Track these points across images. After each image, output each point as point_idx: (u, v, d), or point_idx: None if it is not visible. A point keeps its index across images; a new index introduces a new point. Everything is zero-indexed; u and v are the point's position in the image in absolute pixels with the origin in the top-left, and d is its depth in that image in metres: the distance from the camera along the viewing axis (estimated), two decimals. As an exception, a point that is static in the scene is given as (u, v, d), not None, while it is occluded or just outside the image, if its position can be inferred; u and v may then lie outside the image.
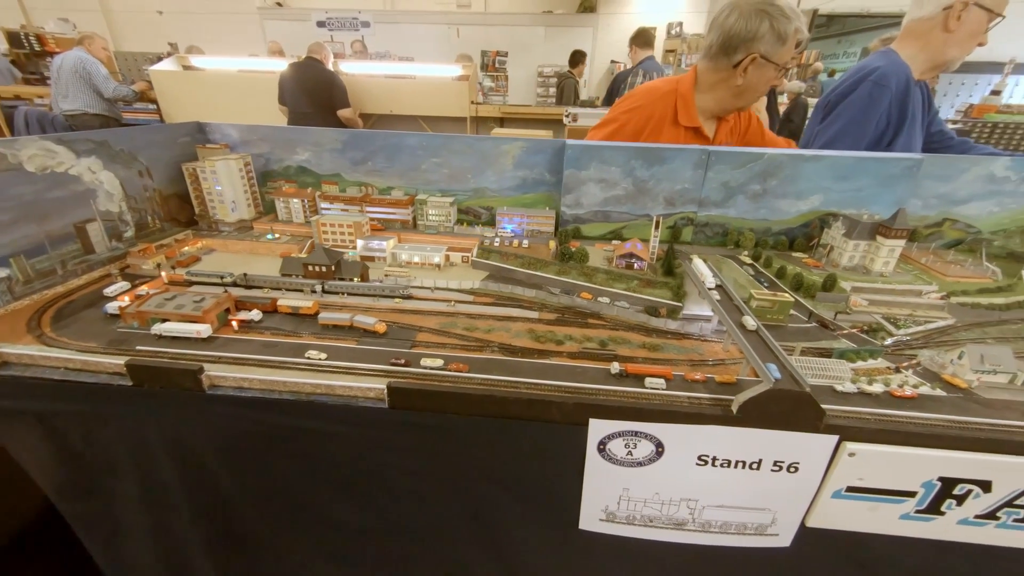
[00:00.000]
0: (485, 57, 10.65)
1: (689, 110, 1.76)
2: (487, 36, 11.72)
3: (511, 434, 0.96)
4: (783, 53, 1.60)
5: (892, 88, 1.84)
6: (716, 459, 0.91)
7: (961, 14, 1.77)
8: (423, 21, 11.88)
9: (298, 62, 4.91)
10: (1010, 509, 0.88)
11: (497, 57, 10.62)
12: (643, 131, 1.80)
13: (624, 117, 1.81)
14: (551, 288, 1.40)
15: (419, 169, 1.74)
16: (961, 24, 1.79)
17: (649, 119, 1.79)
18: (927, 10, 1.85)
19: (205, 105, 6.27)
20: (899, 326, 1.22)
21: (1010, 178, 1.54)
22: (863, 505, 0.92)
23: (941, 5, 1.80)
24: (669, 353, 1.10)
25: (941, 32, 1.83)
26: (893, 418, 0.88)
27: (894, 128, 1.89)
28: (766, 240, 1.64)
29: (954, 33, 1.81)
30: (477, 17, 12.08)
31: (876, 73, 1.85)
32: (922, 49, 1.89)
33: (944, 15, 1.81)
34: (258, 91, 6.15)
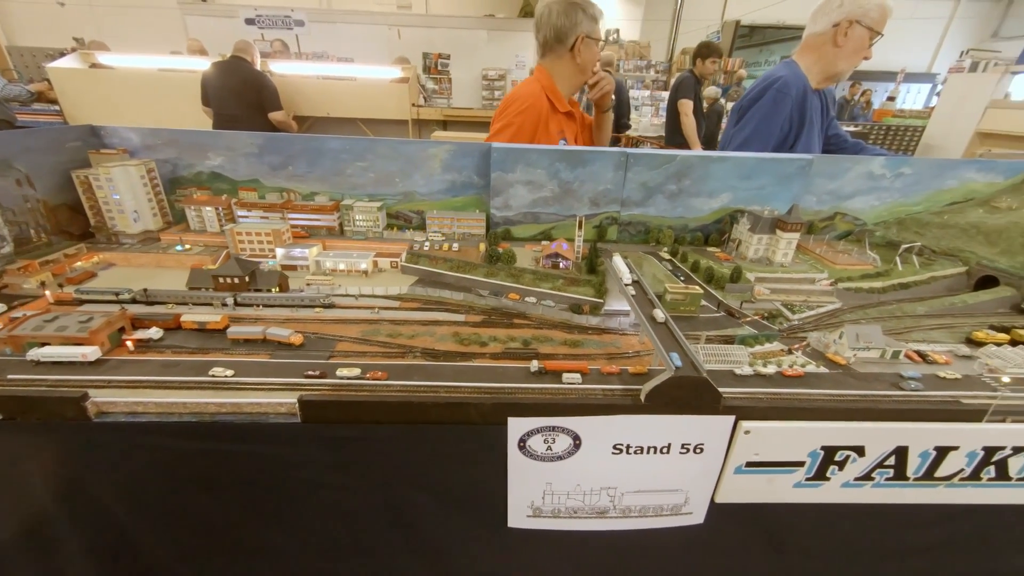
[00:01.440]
0: (427, 59, 10.52)
1: (559, 99, 2.02)
2: (429, 38, 11.59)
3: (433, 439, 0.95)
4: (599, 31, 1.98)
5: (792, 95, 2.03)
6: (630, 447, 0.95)
7: (847, 31, 1.98)
8: (362, 21, 11.56)
9: (223, 61, 4.62)
10: (881, 469, 0.99)
11: (439, 59, 10.51)
12: (537, 126, 1.96)
13: (519, 119, 1.94)
14: (480, 290, 1.41)
15: (344, 173, 1.69)
16: (847, 40, 2.00)
17: (539, 114, 1.96)
18: (820, 26, 2.06)
19: (117, 107, 5.72)
20: (794, 311, 1.34)
21: (886, 175, 1.74)
22: (762, 478, 1.00)
23: (831, 22, 2.01)
24: (589, 348, 1.14)
25: (832, 47, 2.04)
26: (781, 396, 0.96)
27: (795, 131, 2.08)
28: (684, 237, 1.74)
29: (842, 48, 2.02)
30: (418, 19, 11.93)
31: (779, 82, 2.05)
32: (816, 61, 2.09)
33: (833, 31, 2.01)
34: (177, 92, 5.71)
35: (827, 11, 2.02)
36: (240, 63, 4.56)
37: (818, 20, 2.07)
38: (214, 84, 4.57)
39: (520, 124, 1.93)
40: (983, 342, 1.18)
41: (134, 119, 1.66)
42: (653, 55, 12.83)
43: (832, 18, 2.00)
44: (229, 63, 4.57)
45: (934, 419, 0.95)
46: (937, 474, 1.00)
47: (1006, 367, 1.07)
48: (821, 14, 2.06)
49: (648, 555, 1.13)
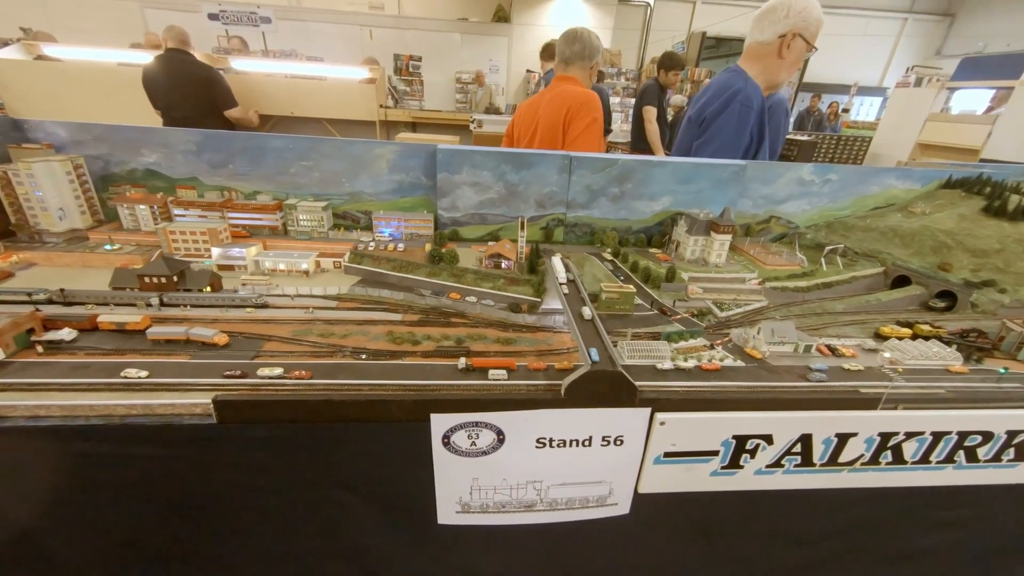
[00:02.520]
0: (398, 61, 10.44)
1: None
2: (402, 40, 11.52)
3: (357, 438, 0.95)
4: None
5: (755, 109, 2.09)
6: (553, 440, 0.98)
7: (790, 43, 2.05)
8: (332, 21, 11.39)
9: (162, 56, 4.09)
10: (790, 456, 1.05)
11: (411, 61, 10.45)
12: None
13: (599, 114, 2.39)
14: (422, 290, 1.41)
15: (287, 173, 1.67)
16: (790, 52, 2.08)
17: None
18: (766, 36, 2.10)
19: (65, 102, 5.43)
20: (723, 309, 1.40)
21: (815, 181, 1.84)
22: (680, 467, 1.04)
23: (777, 33, 2.06)
24: (521, 346, 1.16)
25: (776, 57, 2.11)
26: (694, 389, 1.01)
27: (757, 142, 2.15)
28: (628, 238, 1.80)
29: (785, 59, 2.10)
30: (390, 20, 11.84)
31: (741, 95, 2.07)
32: (762, 71, 2.15)
33: (779, 42, 2.07)
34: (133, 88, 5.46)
35: (773, 20, 2.06)
36: (183, 56, 4.09)
37: (764, 29, 2.10)
38: (158, 84, 4.11)
39: (599, 117, 2.40)
40: (888, 336, 1.26)
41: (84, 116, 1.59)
42: (624, 63, 13.11)
43: (778, 29, 2.05)
44: (170, 57, 4.07)
45: (834, 407, 1.02)
46: (840, 460, 1.07)
47: (904, 359, 1.15)
48: (767, 23, 2.09)
49: (579, 547, 1.16)
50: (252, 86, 5.96)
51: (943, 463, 1.09)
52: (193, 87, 4.20)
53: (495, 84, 12.74)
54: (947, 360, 1.15)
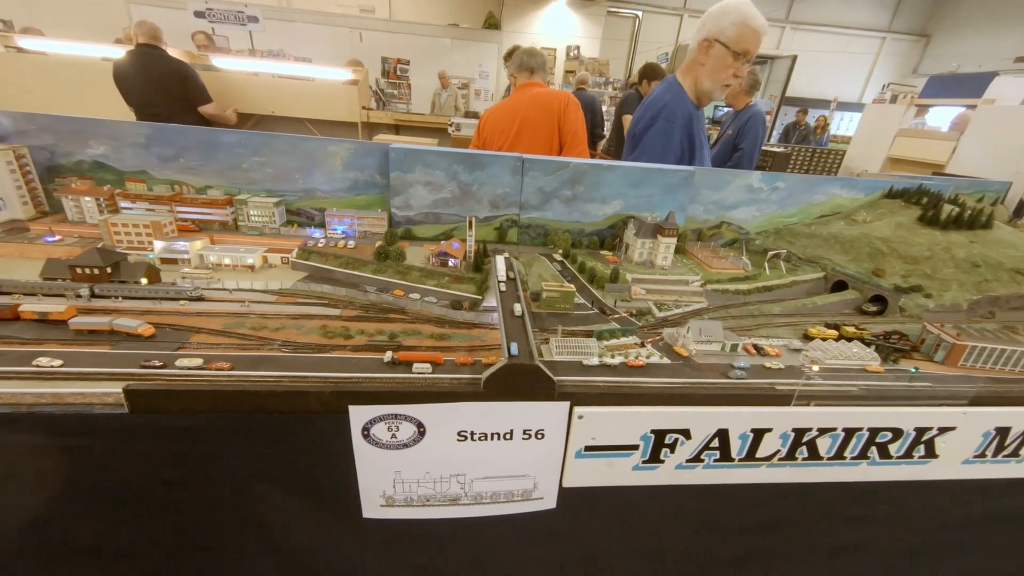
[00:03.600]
0: (386, 64, 10.46)
1: None
2: (392, 43, 11.56)
3: (276, 430, 0.95)
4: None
5: (679, 123, 2.05)
6: (474, 433, 0.99)
7: (707, 50, 1.98)
8: (322, 22, 11.39)
9: (134, 51, 4.06)
10: (709, 451, 1.08)
11: (399, 64, 10.48)
12: None
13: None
14: (367, 287, 1.42)
15: (240, 168, 1.67)
16: (708, 58, 1.99)
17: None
18: (692, 44, 2.07)
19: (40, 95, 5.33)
20: (662, 309, 1.44)
21: (763, 188, 1.90)
22: (602, 461, 1.06)
23: (698, 40, 2.02)
24: (455, 342, 1.17)
25: (698, 65, 2.05)
26: (614, 384, 1.03)
27: (688, 155, 2.13)
28: (580, 240, 1.83)
29: (704, 66, 2.02)
30: (381, 23, 11.89)
31: (665, 111, 2.06)
32: (693, 80, 2.10)
33: (698, 49, 2.02)
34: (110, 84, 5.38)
35: (697, 28, 2.03)
36: (154, 52, 4.05)
37: (693, 38, 2.06)
38: (130, 80, 4.06)
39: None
40: (814, 337, 1.30)
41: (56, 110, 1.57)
42: (612, 73, 13.28)
43: (699, 36, 2.01)
44: (141, 52, 4.01)
45: (750, 403, 1.05)
46: (758, 455, 1.10)
47: (825, 358, 1.19)
48: (695, 32, 2.05)
49: (507, 541, 1.17)
50: (231, 84, 5.92)
51: (857, 459, 1.13)
52: (165, 83, 4.17)
53: (484, 90, 12.83)
54: (865, 360, 1.19)
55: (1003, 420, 1.11)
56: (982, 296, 1.44)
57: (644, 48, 15.19)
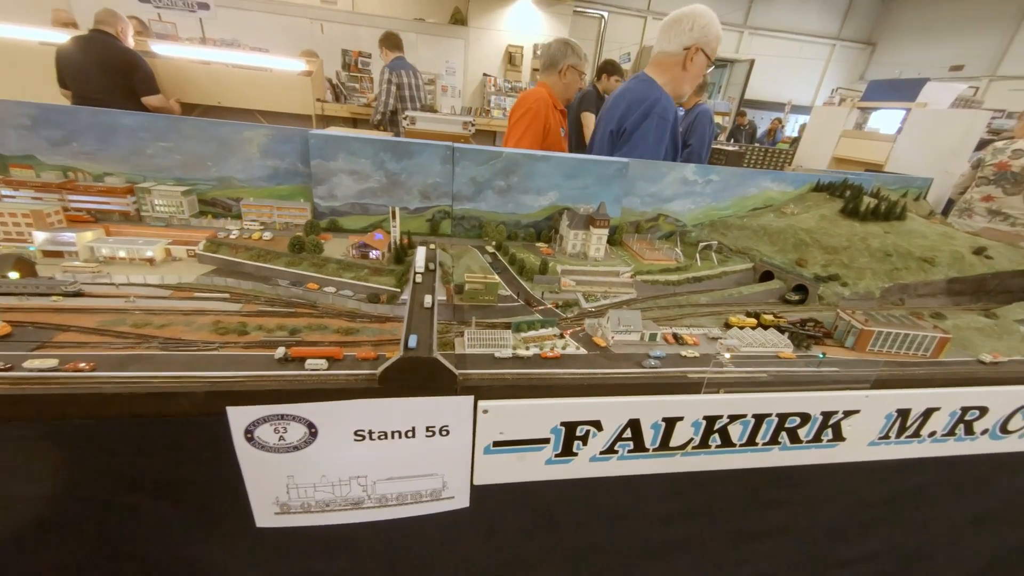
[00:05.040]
0: (347, 56, 10.16)
1: (557, 100, 2.88)
2: (355, 36, 11.22)
3: (147, 435, 0.87)
4: (582, 64, 2.88)
5: (670, 119, 2.16)
6: (372, 432, 0.93)
7: (694, 57, 2.12)
8: (280, 12, 10.93)
9: (83, 36, 3.98)
10: (622, 442, 1.06)
11: (360, 57, 10.19)
12: (548, 113, 2.77)
13: (536, 106, 2.76)
14: (280, 280, 1.34)
15: (144, 154, 1.54)
16: (693, 65, 2.15)
17: (547, 104, 2.78)
18: (673, 47, 2.16)
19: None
20: (589, 300, 1.42)
21: (697, 181, 1.91)
22: (512, 457, 1.03)
23: (682, 46, 2.13)
24: (363, 336, 1.11)
25: (680, 69, 2.17)
26: (522, 375, 0.99)
27: (672, 150, 2.25)
28: (517, 232, 1.79)
29: (688, 72, 2.17)
30: (343, 15, 11.52)
31: (659, 107, 2.12)
32: (669, 81, 2.21)
33: (684, 55, 2.14)
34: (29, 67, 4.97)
35: (679, 32, 2.12)
36: (104, 38, 3.95)
37: (671, 40, 2.15)
38: (73, 62, 3.91)
39: (536, 110, 2.73)
40: (734, 325, 1.31)
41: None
42: (578, 71, 13.29)
43: (683, 41, 2.12)
44: (91, 38, 3.94)
45: (662, 392, 1.03)
46: (672, 444, 1.09)
47: (740, 346, 1.20)
48: (673, 34, 2.14)
49: (421, 543, 1.12)
50: (174, 72, 5.59)
51: (769, 444, 1.14)
52: (110, 70, 3.99)
53: (452, 86, 12.65)
54: (779, 347, 1.20)
55: (903, 402, 1.15)
56: (893, 284, 1.49)
57: (610, 48, 15.39)
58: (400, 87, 5.48)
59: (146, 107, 4.43)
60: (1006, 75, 13.26)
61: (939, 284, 1.50)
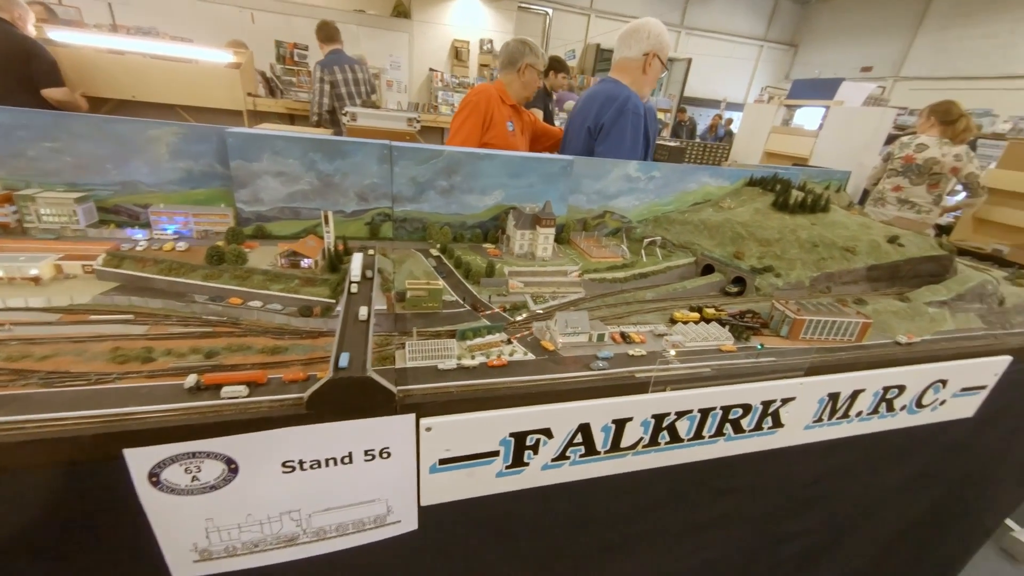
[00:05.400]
0: (281, 48, 9.55)
1: (507, 96, 2.81)
2: (289, 26, 10.61)
3: (30, 489, 0.74)
4: (540, 63, 2.83)
5: (643, 116, 2.39)
6: (303, 462, 0.85)
7: (652, 62, 2.39)
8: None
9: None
10: (573, 448, 1.04)
11: (295, 49, 9.61)
12: (490, 107, 2.68)
13: (476, 98, 2.70)
14: (196, 296, 1.20)
15: (24, 156, 1.33)
16: (651, 70, 2.42)
17: (491, 98, 2.70)
18: (634, 52, 2.40)
19: None
20: (538, 302, 1.39)
21: (640, 178, 1.94)
22: (461, 473, 0.98)
23: (643, 51, 2.37)
24: (293, 355, 1.01)
25: (641, 73, 2.42)
26: (467, 387, 0.94)
27: (645, 145, 2.49)
28: (463, 234, 1.74)
29: (647, 76, 2.43)
30: (275, 4, 10.84)
31: (631, 104, 2.34)
32: (632, 83, 2.44)
33: (644, 60, 2.39)
34: None
35: (639, 40, 2.37)
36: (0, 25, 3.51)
37: (632, 46, 2.40)
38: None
39: (476, 103, 2.67)
40: (679, 320, 1.33)
41: None
42: (525, 68, 13.34)
43: (643, 48, 2.37)
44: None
45: (610, 394, 1.02)
46: (623, 445, 1.08)
47: (684, 341, 1.21)
48: (633, 40, 2.39)
49: (369, 571, 1.05)
50: (79, 63, 5.02)
51: (715, 437, 1.17)
52: (6, 60, 3.59)
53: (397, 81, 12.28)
54: (720, 340, 1.23)
55: (833, 387, 1.21)
56: (820, 273, 1.58)
57: (555, 45, 15.56)
58: (335, 84, 5.15)
59: (46, 101, 3.97)
60: (908, 76, 14.74)
61: (860, 272, 1.61)
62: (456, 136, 2.76)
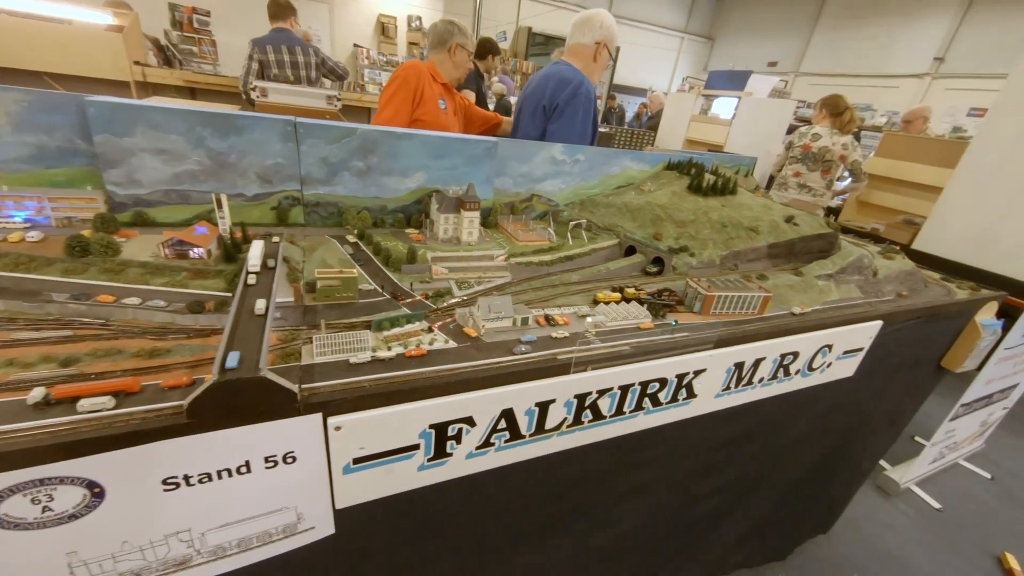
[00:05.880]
0: (176, 12, 8.45)
1: (438, 74, 2.74)
2: (190, -10, 9.39)
3: None
4: (469, 43, 2.79)
5: (594, 100, 2.56)
6: (189, 477, 0.75)
7: (602, 51, 2.54)
8: (79, -49, 8.61)
9: None
10: (497, 434, 1.03)
11: (195, 15, 8.54)
12: (420, 82, 2.57)
13: (404, 73, 2.59)
14: (56, 294, 1.02)
15: None
16: (600, 58, 2.57)
17: (421, 74, 2.60)
18: (587, 39, 2.53)
19: None
20: (462, 288, 1.35)
21: (566, 161, 1.95)
22: (379, 471, 0.93)
23: (594, 40, 2.52)
24: (177, 356, 0.89)
25: (592, 60, 2.56)
26: (381, 381, 0.89)
27: (593, 129, 2.63)
28: (383, 219, 1.64)
29: (597, 63, 2.58)
30: (170, -33, 9.51)
31: (584, 88, 2.48)
32: (583, 68, 2.56)
33: (595, 48, 2.53)
34: None
35: (591, 28, 2.50)
36: None
37: (584, 34, 2.52)
38: None
39: (405, 77, 2.56)
40: (601, 301, 1.36)
41: None
42: (457, 48, 12.98)
43: (595, 36, 2.51)
44: None
45: (532, 378, 1.02)
46: (547, 427, 1.09)
47: (606, 321, 1.24)
48: (587, 28, 2.51)
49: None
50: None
51: (635, 411, 1.21)
52: None
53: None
54: (639, 319, 1.28)
55: (739, 356, 1.30)
56: (728, 252, 1.70)
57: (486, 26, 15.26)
58: (264, 64, 4.52)
59: None
60: (806, 71, 16.30)
61: (762, 250, 1.74)
62: (384, 111, 2.61)
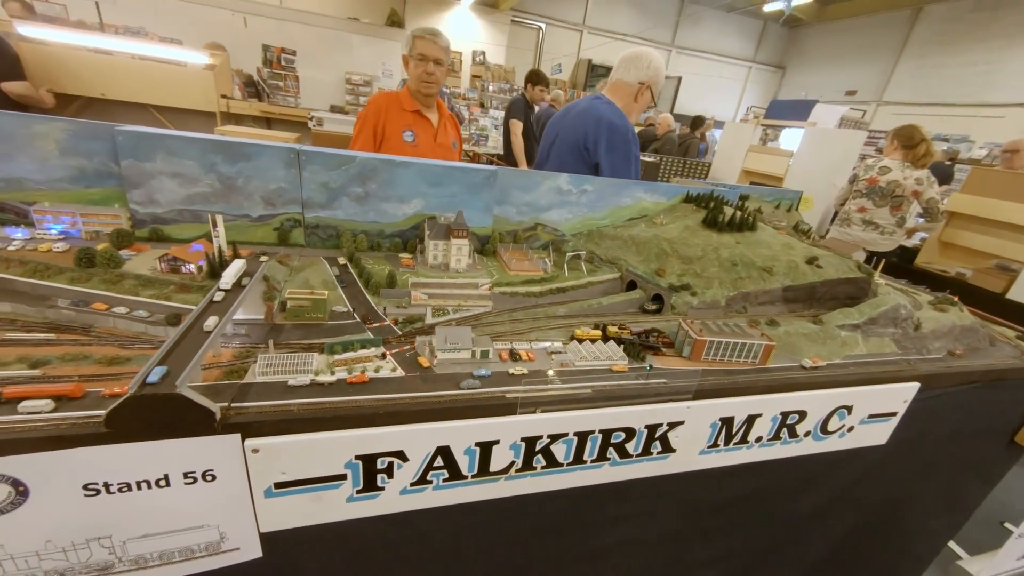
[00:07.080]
0: (268, 52, 9.54)
1: (405, 100, 2.62)
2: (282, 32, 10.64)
3: None
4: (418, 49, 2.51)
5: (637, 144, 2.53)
6: (109, 485, 0.78)
7: (644, 92, 2.49)
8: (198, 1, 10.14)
9: None
10: (435, 471, 0.98)
11: (283, 54, 9.61)
12: (379, 117, 2.55)
13: (364, 112, 2.62)
14: (61, 300, 1.13)
15: None
16: (642, 99, 2.51)
17: (379, 108, 2.57)
18: (631, 77, 2.48)
19: None
20: (437, 315, 1.33)
21: (572, 191, 1.91)
22: (305, 498, 0.91)
23: (638, 79, 2.46)
24: (134, 366, 0.95)
25: (632, 100, 2.51)
26: (309, 406, 0.88)
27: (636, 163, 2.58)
28: (381, 243, 1.68)
29: (638, 103, 2.52)
30: (270, 9, 10.89)
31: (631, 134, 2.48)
32: (623, 107, 2.52)
33: (638, 88, 2.48)
34: None
35: (638, 67, 2.44)
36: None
37: (630, 72, 2.47)
38: None
39: (365, 115, 2.58)
40: (578, 338, 1.28)
41: None
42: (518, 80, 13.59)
43: (640, 76, 2.45)
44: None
45: (474, 415, 0.97)
46: (492, 469, 1.02)
47: (575, 361, 1.16)
48: (632, 67, 2.46)
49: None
50: (46, 59, 4.97)
51: (598, 461, 1.11)
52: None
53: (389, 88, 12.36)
54: (614, 360, 1.18)
55: (726, 411, 1.16)
56: (737, 292, 1.55)
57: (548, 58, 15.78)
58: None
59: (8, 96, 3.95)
60: (890, 100, 15.07)
61: (776, 292, 1.57)
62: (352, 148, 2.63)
